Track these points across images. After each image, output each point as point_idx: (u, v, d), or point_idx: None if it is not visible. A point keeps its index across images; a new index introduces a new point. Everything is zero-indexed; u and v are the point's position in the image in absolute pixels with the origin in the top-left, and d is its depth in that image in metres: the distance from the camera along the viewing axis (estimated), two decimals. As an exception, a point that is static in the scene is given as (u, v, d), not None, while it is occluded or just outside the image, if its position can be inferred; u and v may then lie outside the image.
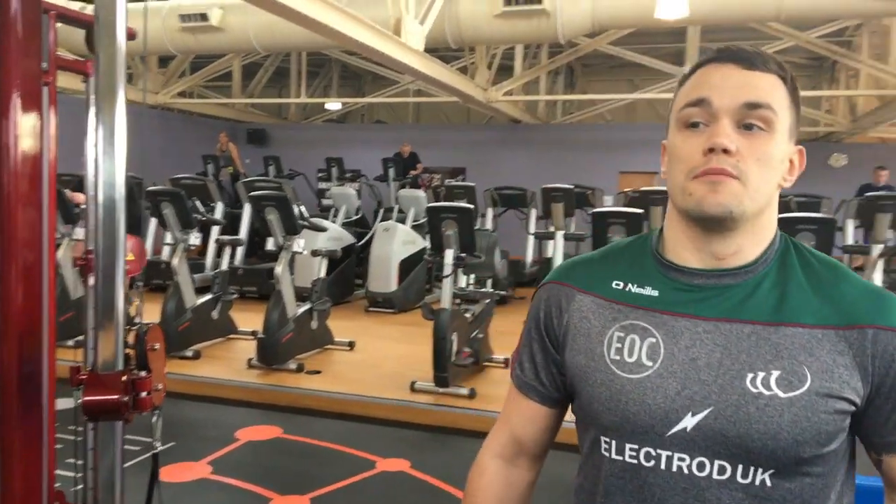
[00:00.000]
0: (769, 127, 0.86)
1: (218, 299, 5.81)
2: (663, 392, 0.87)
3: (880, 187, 9.26)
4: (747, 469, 0.85)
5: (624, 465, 0.90)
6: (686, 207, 0.88)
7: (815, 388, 0.83)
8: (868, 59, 10.65)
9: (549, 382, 1.02)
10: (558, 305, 0.99)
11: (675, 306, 0.90)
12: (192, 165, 11.42)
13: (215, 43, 8.86)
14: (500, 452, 1.08)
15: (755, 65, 0.87)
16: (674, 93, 0.95)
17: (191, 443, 4.05)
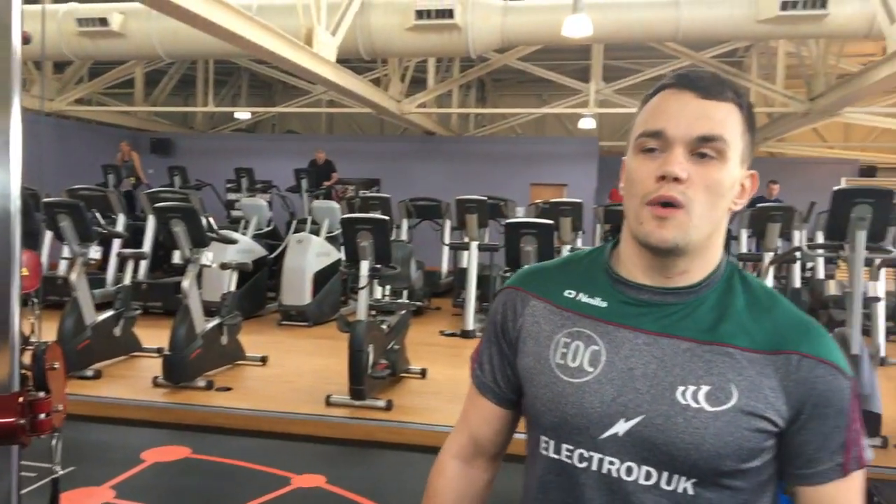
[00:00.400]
0: (721, 156, 0.90)
1: (120, 315, 5.54)
2: (600, 397, 0.92)
3: (772, 200, 9.87)
4: (671, 477, 0.89)
5: (560, 463, 0.95)
6: (636, 235, 0.93)
7: (740, 405, 0.87)
8: (757, 79, 11.36)
9: (504, 384, 1.06)
10: (514, 309, 1.04)
11: (619, 318, 0.95)
12: (92, 176, 10.89)
13: (116, 49, 8.50)
14: (459, 453, 1.11)
15: (711, 94, 0.91)
16: (637, 112, 0.98)
17: (93, 467, 3.84)
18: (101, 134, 13.55)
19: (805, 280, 8.67)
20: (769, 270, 5.49)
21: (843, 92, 8.37)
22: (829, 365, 0.89)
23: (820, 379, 0.89)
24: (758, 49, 11.98)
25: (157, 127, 14.95)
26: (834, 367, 0.90)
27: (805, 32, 7.64)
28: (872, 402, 3.99)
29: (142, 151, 13.01)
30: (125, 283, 5.70)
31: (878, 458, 3.97)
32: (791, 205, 7.76)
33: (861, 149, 15.76)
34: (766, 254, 6.76)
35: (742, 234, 8.34)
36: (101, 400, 4.78)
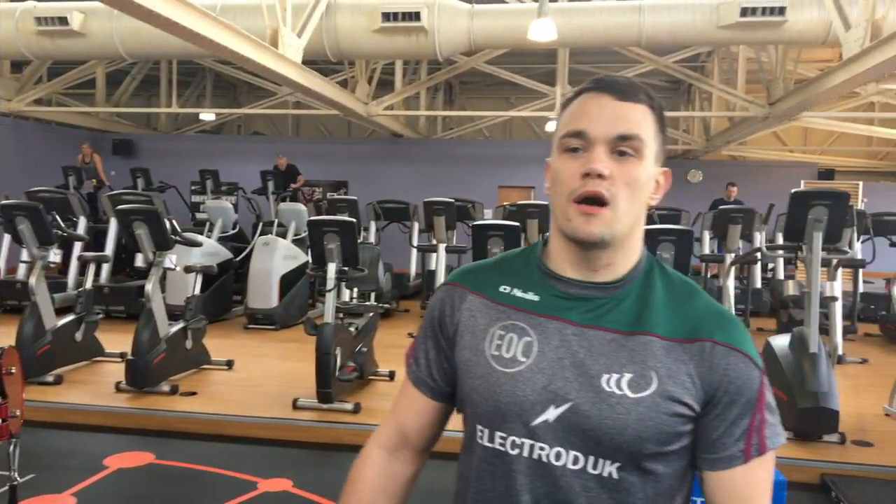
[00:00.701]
0: (638, 154, 0.95)
1: (81, 320, 5.44)
2: (532, 386, 0.96)
3: (731, 202, 10.07)
4: (597, 461, 0.93)
5: (494, 451, 0.98)
6: (564, 231, 0.97)
7: (659, 391, 0.92)
8: (718, 84, 11.58)
9: (439, 377, 1.09)
10: (451, 305, 1.07)
11: (550, 311, 0.99)
12: (52, 178, 10.66)
13: (77, 48, 8.33)
14: (384, 443, 1.13)
15: (627, 96, 0.96)
16: (558, 114, 1.05)
17: (53, 474, 3.76)
18: (61, 135, 13.27)
19: (766, 281, 8.87)
20: (730, 271, 5.59)
21: (800, 97, 8.58)
22: (741, 353, 0.95)
23: (732, 367, 0.94)
24: (719, 55, 12.21)
25: (119, 128, 14.68)
26: (746, 355, 0.95)
27: (764, 38, 7.82)
28: (830, 399, 4.10)
29: (104, 153, 12.76)
30: (86, 287, 5.57)
31: (835, 454, 4.08)
32: (751, 207, 7.93)
33: (820, 152, 16.17)
34: (727, 255, 6.89)
35: (704, 235, 8.50)
36: (63, 406, 4.68)
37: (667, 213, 8.32)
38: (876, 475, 3.85)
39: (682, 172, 15.23)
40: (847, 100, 12.99)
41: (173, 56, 10.75)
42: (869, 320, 8.15)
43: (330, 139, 16.43)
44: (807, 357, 4.20)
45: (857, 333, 7.50)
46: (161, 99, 14.14)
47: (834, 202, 4.22)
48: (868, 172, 15.95)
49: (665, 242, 4.48)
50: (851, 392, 5.53)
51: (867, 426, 4.59)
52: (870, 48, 6.13)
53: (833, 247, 4.58)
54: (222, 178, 11.20)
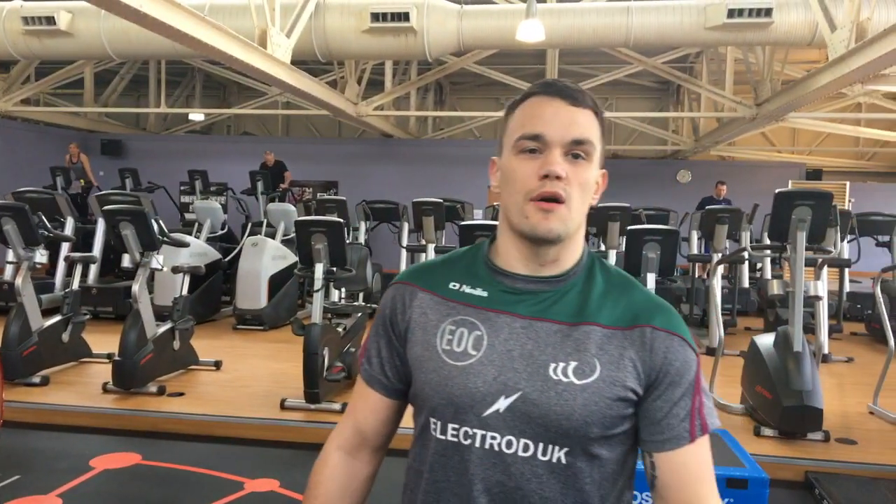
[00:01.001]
0: (589, 157, 1.01)
1: (68, 321, 5.41)
2: (483, 377, 0.99)
3: (720, 200, 10.13)
4: (546, 447, 0.97)
5: (447, 443, 1.01)
6: (521, 229, 1.01)
7: (603, 376, 0.97)
8: (707, 84, 11.65)
9: (392, 375, 1.12)
10: (402, 302, 1.10)
11: (499, 305, 1.03)
12: (40, 178, 10.61)
13: (64, 48, 8.30)
14: (343, 445, 1.16)
15: (578, 101, 1.01)
16: (505, 116, 1.07)
17: (38, 475, 3.75)
18: (49, 135, 13.20)
19: (753, 280, 8.93)
20: (717, 270, 5.63)
21: (787, 97, 8.65)
22: (679, 337, 1.01)
23: (671, 350, 1.00)
24: (708, 55, 12.28)
25: (107, 128, 14.62)
26: (683, 339, 1.01)
27: (751, 40, 7.87)
28: (814, 397, 4.14)
29: (92, 153, 12.71)
30: (73, 288, 5.55)
31: (819, 452, 4.12)
32: (738, 207, 7.98)
33: (808, 153, 16.29)
34: (714, 255, 6.93)
35: (693, 235, 8.54)
36: (49, 407, 4.66)
37: (655, 213, 8.36)
38: (859, 472, 3.88)
39: (671, 172, 15.31)
40: (834, 101, 13.08)
41: (161, 56, 10.71)
42: (856, 319, 8.23)
43: (320, 139, 16.41)
44: (791, 356, 4.24)
45: (843, 332, 7.56)
46: (150, 99, 14.10)
47: (817, 202, 4.27)
48: (856, 172, 16.09)
49: (651, 242, 4.51)
50: (837, 390, 5.58)
51: (852, 424, 4.63)
52: (855, 49, 6.19)
53: (817, 246, 4.62)
54: (212, 179, 11.17)
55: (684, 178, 15.11)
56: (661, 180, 15.01)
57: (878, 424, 4.67)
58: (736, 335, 7.38)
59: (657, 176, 15.18)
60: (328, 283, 4.98)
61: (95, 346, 5.82)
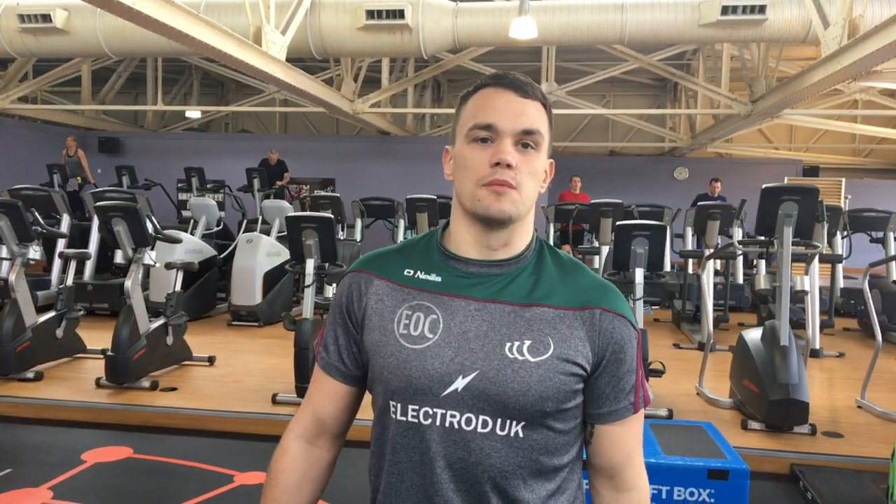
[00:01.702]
0: (537, 147, 1.06)
1: (62, 317, 5.45)
2: (440, 359, 1.03)
3: (714, 198, 10.14)
4: (504, 422, 1.02)
5: (407, 424, 1.05)
6: (475, 211, 1.05)
7: (556, 353, 1.02)
8: (703, 81, 11.66)
9: (350, 362, 1.15)
10: (359, 290, 1.12)
11: (453, 289, 1.07)
12: (37, 175, 10.64)
13: (60, 46, 8.32)
14: (302, 433, 1.18)
15: (528, 94, 1.05)
16: (458, 106, 1.11)
17: (30, 468, 3.78)
18: (46, 133, 13.23)
19: (748, 276, 8.94)
20: (707, 266, 5.65)
21: (782, 94, 8.66)
22: (623, 318, 1.07)
23: (616, 330, 1.06)
24: (704, 52, 12.29)
25: (105, 126, 14.65)
26: (627, 320, 1.08)
27: (745, 36, 7.89)
28: (800, 391, 4.17)
29: (89, 150, 12.74)
30: (67, 284, 5.58)
31: (805, 445, 4.15)
32: (730, 203, 8.00)
33: (805, 150, 16.29)
34: (706, 250, 6.96)
35: (687, 231, 8.57)
36: (42, 401, 4.70)
37: (649, 209, 8.38)
38: (845, 465, 3.91)
39: (668, 169, 15.34)
40: (831, 97, 13.11)
41: (158, 54, 10.75)
42: (850, 315, 8.25)
43: (317, 137, 16.44)
44: (778, 350, 4.27)
45: (835, 328, 7.59)
46: (147, 96, 14.11)
47: (803, 197, 4.29)
48: (852, 169, 16.09)
49: (639, 238, 4.54)
50: (826, 385, 5.61)
51: (839, 418, 4.66)
52: (847, 46, 6.21)
53: (805, 241, 4.64)
54: (209, 176, 11.19)
55: (681, 174, 15.13)
56: (659, 177, 15.04)
57: (865, 418, 4.70)
58: (729, 331, 7.41)
59: (654, 173, 15.21)
60: (320, 278, 5.02)
61: (90, 341, 5.85)
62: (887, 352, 6.32)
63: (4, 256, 5.29)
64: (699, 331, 6.76)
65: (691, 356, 6.21)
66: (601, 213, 6.83)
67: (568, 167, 13.09)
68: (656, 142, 15.89)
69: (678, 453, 3.03)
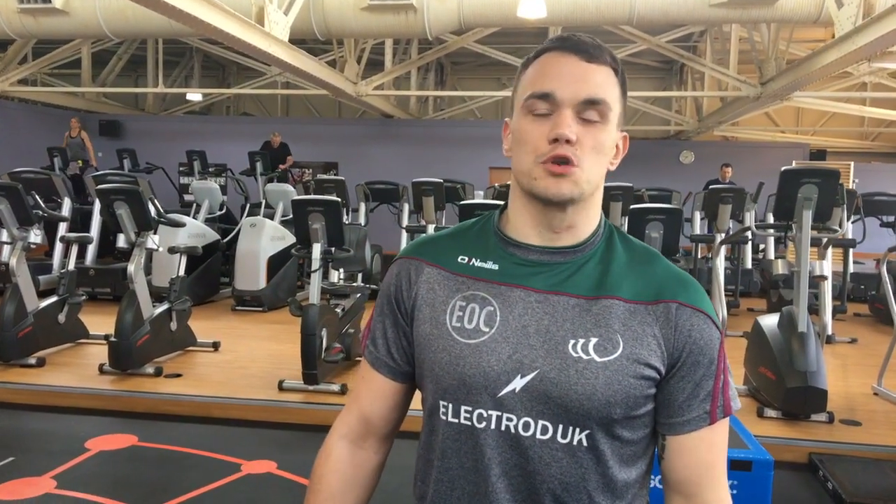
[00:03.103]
0: (604, 119, 0.93)
1: (64, 302, 5.36)
2: (497, 356, 0.93)
3: (726, 183, 10.02)
4: (566, 429, 0.92)
5: (459, 427, 0.95)
6: (532, 190, 0.94)
7: (626, 353, 0.91)
8: (711, 63, 11.49)
9: (399, 357, 1.05)
10: (408, 278, 1.03)
11: (512, 279, 0.96)
12: (38, 159, 10.52)
13: (60, 27, 8.18)
14: (347, 434, 1.09)
15: (594, 57, 0.93)
16: (518, 74, 1.00)
17: (33, 457, 3.71)
18: (47, 116, 13.10)
19: (756, 261, 8.86)
20: (720, 251, 5.55)
21: (792, 76, 8.52)
22: (703, 314, 0.95)
23: (696, 327, 0.94)
24: (712, 34, 12.11)
25: (106, 108, 14.50)
26: (708, 316, 0.95)
27: (756, 17, 7.72)
28: (818, 378, 4.08)
29: (90, 133, 12.60)
30: (69, 269, 5.49)
31: (823, 434, 4.07)
32: (742, 187, 7.88)
33: (812, 133, 16.14)
34: (717, 235, 6.85)
35: (696, 215, 8.46)
36: (44, 388, 4.62)
37: (657, 193, 8.27)
38: (863, 454, 3.84)
39: (674, 153, 15.18)
40: (839, 80, 12.93)
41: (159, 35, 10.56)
42: (859, 300, 8.16)
43: (320, 120, 16.28)
44: (795, 336, 4.17)
45: (846, 313, 7.50)
46: (148, 79, 13.96)
47: (824, 180, 4.18)
48: (860, 153, 15.94)
49: (654, 221, 4.43)
50: (840, 371, 5.53)
51: (855, 405, 4.58)
52: (862, 26, 6.07)
53: (823, 226, 4.54)
54: (211, 160, 11.05)
55: (687, 158, 14.97)
56: (664, 161, 14.88)
57: (883, 405, 4.62)
58: (739, 316, 7.33)
59: (660, 156, 15.04)
60: (326, 263, 4.92)
61: (93, 327, 5.78)
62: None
63: (5, 240, 5.18)
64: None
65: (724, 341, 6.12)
66: (610, 198, 6.72)
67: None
68: (662, 125, 15.72)
69: (698, 443, 2.96)
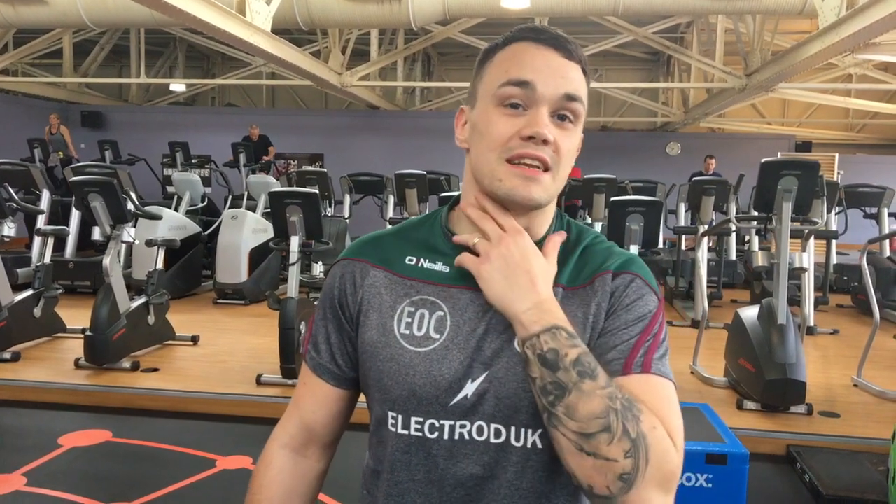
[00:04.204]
0: (577, 119, 0.89)
1: (40, 295, 5.29)
2: (448, 363, 0.88)
3: (710, 175, 10.02)
4: (519, 431, 0.88)
5: (409, 438, 0.90)
6: (494, 192, 0.88)
7: None
8: (697, 55, 11.47)
9: (344, 363, 0.99)
10: (353, 281, 0.97)
11: (462, 280, 0.91)
12: (18, 151, 10.38)
13: (39, 16, 8.06)
14: (289, 443, 1.03)
15: (571, 54, 0.88)
16: (480, 60, 0.94)
17: (4, 453, 3.66)
18: (28, 107, 12.93)
19: (741, 252, 8.87)
20: (702, 243, 5.54)
21: (777, 68, 8.50)
22: (639, 278, 0.91)
23: (629, 288, 0.90)
24: (698, 25, 12.09)
25: (88, 99, 14.32)
26: (644, 281, 0.91)
27: (742, 8, 7.70)
28: (797, 371, 4.08)
29: (72, 125, 12.48)
30: (45, 262, 5.41)
31: (802, 426, 4.07)
32: (725, 179, 7.88)
33: (798, 125, 16.17)
34: (700, 226, 6.85)
35: (680, 207, 8.46)
36: (18, 383, 4.56)
37: (642, 185, 8.25)
38: (841, 446, 3.84)
39: (660, 145, 15.20)
40: (825, 71, 12.94)
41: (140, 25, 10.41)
42: (843, 292, 8.19)
43: (305, 111, 16.17)
44: (775, 328, 4.17)
45: (829, 305, 7.53)
46: (131, 69, 13.80)
47: (804, 172, 4.17)
48: (845, 144, 15.99)
49: (634, 214, 4.41)
50: (821, 363, 5.54)
51: (835, 397, 4.59)
52: (846, 17, 6.05)
53: (804, 217, 4.53)
54: (196, 151, 10.94)
55: (674, 150, 14.99)
56: (651, 152, 14.89)
57: (862, 397, 4.63)
58: (722, 307, 7.34)
59: (647, 148, 15.05)
60: (306, 256, 4.87)
61: (71, 321, 5.70)
62: (883, 329, 6.25)
63: (-23, 233, 5.11)
64: (693, 308, 6.67)
65: (685, 333, 6.13)
66: (594, 189, 6.70)
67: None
68: (649, 117, 15.72)
69: (674, 437, 2.94)
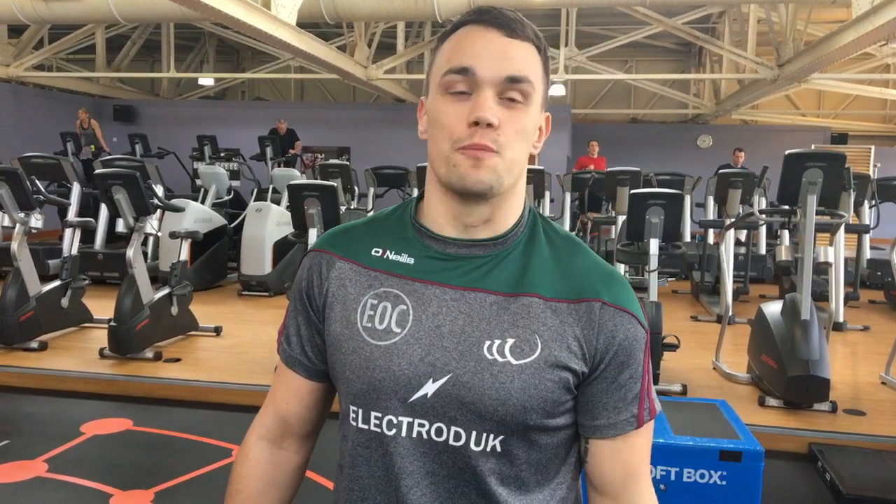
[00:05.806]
0: (527, 100, 0.86)
1: (67, 286, 5.40)
2: (408, 358, 0.87)
3: (739, 168, 9.84)
4: (480, 435, 0.86)
5: (369, 433, 0.90)
6: (448, 180, 0.87)
7: (544, 356, 0.85)
8: (729, 46, 11.25)
9: (314, 356, 0.99)
10: (319, 273, 0.96)
11: (427, 274, 0.90)
12: (52, 144, 10.60)
13: (71, 12, 8.21)
14: (265, 434, 1.04)
15: (516, 32, 0.86)
16: (434, 49, 0.93)
17: (26, 440, 3.74)
18: (61, 101, 13.18)
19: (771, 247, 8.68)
20: (727, 236, 5.44)
21: (810, 57, 8.31)
22: (628, 314, 0.89)
23: (620, 328, 0.88)
24: (730, 16, 11.86)
25: (120, 94, 14.58)
26: (633, 316, 0.89)
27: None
28: (820, 367, 3.99)
29: (104, 119, 12.70)
30: (72, 253, 5.52)
31: (826, 423, 3.98)
32: (752, 172, 7.72)
33: (833, 116, 15.79)
34: (727, 220, 6.73)
35: (709, 201, 8.31)
36: (43, 372, 4.66)
37: (669, 178, 8.12)
38: (866, 444, 3.75)
39: (691, 137, 14.97)
40: (861, 62, 12.62)
41: (169, 20, 10.57)
42: (876, 288, 7.98)
43: (332, 105, 16.24)
44: (798, 324, 4.08)
45: (860, 300, 7.34)
46: (163, 64, 13.99)
47: (829, 164, 4.05)
48: (882, 137, 15.57)
49: (654, 206, 4.34)
50: (849, 360, 5.42)
51: (861, 395, 4.48)
52: (880, 5, 5.88)
53: (831, 211, 4.42)
54: (225, 144, 11.06)
55: (705, 142, 14.76)
56: (682, 145, 14.67)
57: (890, 395, 4.51)
58: (749, 303, 7.20)
59: (677, 140, 14.83)
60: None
61: (99, 311, 5.81)
62: (915, 326, 6.10)
63: (6, 225, 5.22)
64: (718, 303, 6.56)
65: (709, 329, 6.04)
66: (618, 182, 6.62)
67: (588, 134, 12.80)
68: (679, 108, 15.48)
69: (689, 433, 2.88)
